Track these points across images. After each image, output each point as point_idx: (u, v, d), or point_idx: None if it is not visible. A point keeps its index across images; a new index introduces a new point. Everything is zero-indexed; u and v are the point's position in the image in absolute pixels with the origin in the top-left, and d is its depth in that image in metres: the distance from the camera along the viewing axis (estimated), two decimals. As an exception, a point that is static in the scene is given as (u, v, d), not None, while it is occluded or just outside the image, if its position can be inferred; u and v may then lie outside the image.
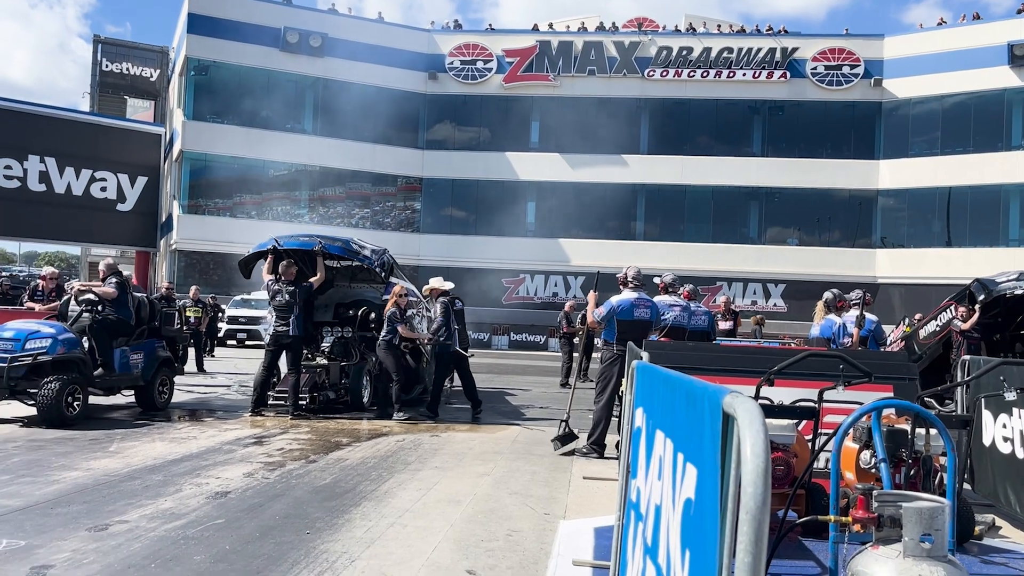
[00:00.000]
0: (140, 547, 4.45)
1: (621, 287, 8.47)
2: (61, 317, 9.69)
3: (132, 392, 10.18)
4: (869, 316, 8.96)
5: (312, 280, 10.42)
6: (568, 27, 38.23)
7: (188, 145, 33.43)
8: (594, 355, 14.17)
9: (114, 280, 9.65)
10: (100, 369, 9.29)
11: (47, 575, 3.95)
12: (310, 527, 5.03)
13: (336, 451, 7.76)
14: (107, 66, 43.65)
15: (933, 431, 4.03)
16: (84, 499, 5.46)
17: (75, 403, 8.64)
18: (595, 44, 35.82)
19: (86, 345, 9.14)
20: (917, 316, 16.89)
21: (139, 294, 10.62)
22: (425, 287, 11.63)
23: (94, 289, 9.54)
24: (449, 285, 11.21)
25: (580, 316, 14.67)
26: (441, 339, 10.56)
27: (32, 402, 8.53)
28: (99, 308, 9.36)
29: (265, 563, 4.28)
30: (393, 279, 11.14)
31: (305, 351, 10.64)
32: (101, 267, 10.11)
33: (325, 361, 10.89)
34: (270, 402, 10.30)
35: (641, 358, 4.36)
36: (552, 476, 7.03)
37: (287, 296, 9.99)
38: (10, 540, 4.46)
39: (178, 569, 4.11)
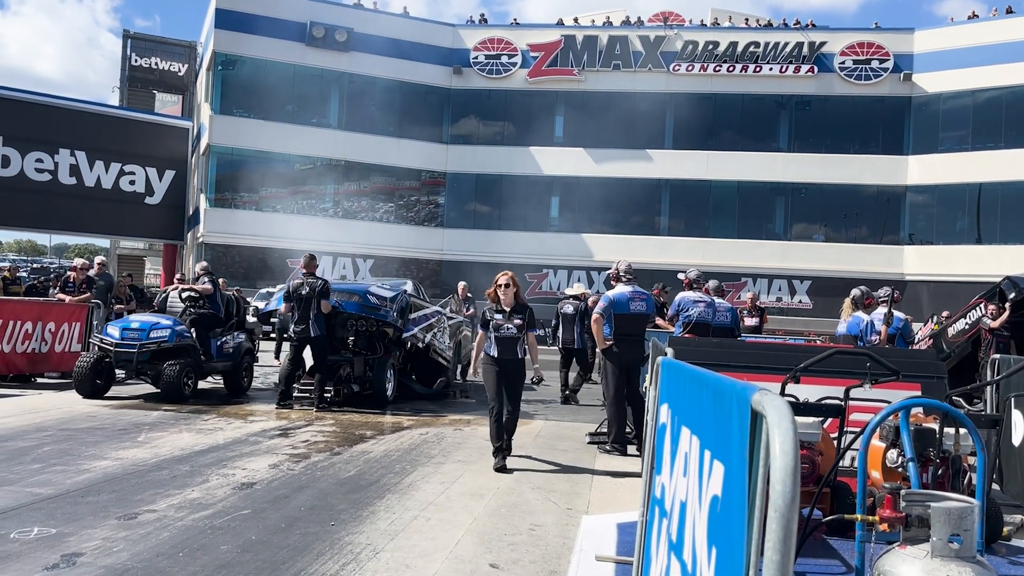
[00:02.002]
0: (168, 536, 4.51)
1: (613, 282, 8.47)
2: (160, 309, 11.35)
3: (220, 376, 11.51)
4: (897, 314, 8.85)
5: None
6: (593, 21, 38.07)
7: (215, 139, 33.73)
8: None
9: (207, 279, 11.21)
10: (202, 356, 10.66)
11: (77, 562, 4.01)
12: (335, 519, 5.07)
13: (360, 444, 7.81)
14: (136, 61, 44.10)
15: (962, 430, 3.99)
16: (113, 488, 5.55)
17: (189, 383, 10.18)
18: (620, 38, 35.63)
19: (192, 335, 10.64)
20: (945, 314, 16.68)
21: (227, 292, 12.20)
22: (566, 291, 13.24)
23: (195, 288, 11.05)
24: (575, 291, 12.69)
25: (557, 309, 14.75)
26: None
27: (148, 380, 10.29)
28: (199, 304, 10.94)
29: (290, 554, 4.33)
30: (414, 314, 11.19)
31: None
32: (197, 269, 11.69)
33: (350, 355, 10.96)
34: (295, 394, 10.40)
35: (665, 354, 4.35)
36: (575, 471, 7.04)
37: (307, 288, 10.07)
38: (42, 528, 4.54)
39: (205, 558, 4.17)
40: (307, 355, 10.49)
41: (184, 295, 11.02)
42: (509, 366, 7.10)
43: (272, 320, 12.33)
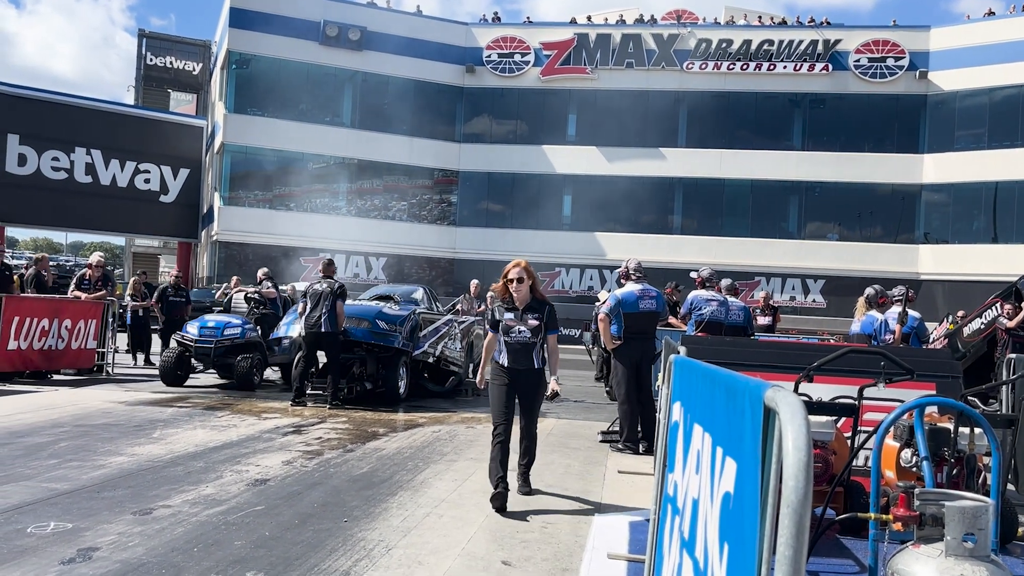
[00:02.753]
0: (183, 531, 4.55)
1: (623, 281, 8.42)
2: (226, 310, 12.79)
3: (278, 368, 12.92)
4: (912, 313, 8.80)
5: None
6: (606, 20, 38.01)
7: (229, 138, 33.90)
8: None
9: (269, 283, 12.81)
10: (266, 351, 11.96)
11: (93, 557, 4.05)
12: (348, 515, 5.10)
13: (373, 441, 7.84)
14: (151, 60, 44.41)
15: (977, 430, 3.97)
16: (129, 484, 5.59)
17: (258, 374, 11.65)
18: (633, 37, 35.57)
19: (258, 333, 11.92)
20: (960, 313, 16.57)
21: (283, 292, 13.78)
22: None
23: (261, 291, 12.61)
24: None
25: (593, 314, 14.75)
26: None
27: (220, 372, 11.78)
28: (261, 305, 12.42)
29: (304, 550, 4.35)
30: (425, 330, 11.26)
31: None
32: (259, 274, 13.13)
33: (363, 353, 10.99)
34: (309, 391, 10.46)
35: (678, 352, 4.35)
36: (587, 470, 7.04)
37: (324, 286, 10.13)
38: (58, 523, 4.58)
39: (220, 554, 4.20)
40: (321, 354, 10.55)
41: (248, 297, 12.53)
42: (522, 378, 5.71)
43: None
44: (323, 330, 9.99)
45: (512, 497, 5.53)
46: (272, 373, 13.13)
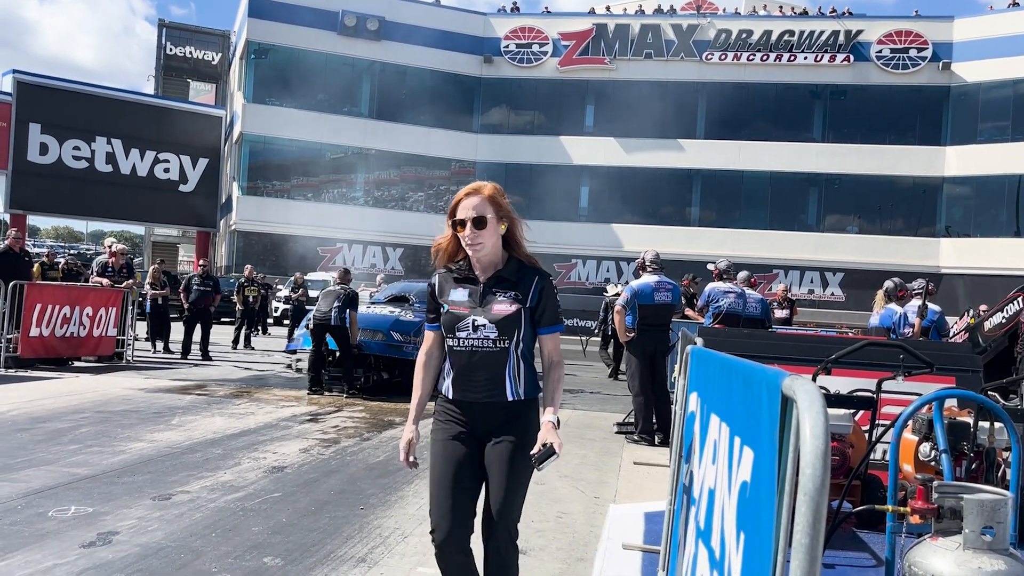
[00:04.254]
0: (201, 516, 4.59)
1: (640, 272, 8.37)
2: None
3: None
4: (932, 306, 8.72)
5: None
6: (625, 10, 37.83)
7: (248, 128, 34.06)
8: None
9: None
10: None
11: (113, 540, 4.10)
12: (364, 503, 5.13)
13: (389, 429, 7.88)
14: (171, 50, 44.60)
15: (997, 424, 3.93)
16: (148, 469, 5.65)
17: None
18: (652, 27, 35.37)
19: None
20: (982, 307, 16.39)
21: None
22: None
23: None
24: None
25: (603, 304, 14.69)
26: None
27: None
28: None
29: (320, 536, 4.39)
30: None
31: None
32: (335, 274, 12.91)
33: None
34: (325, 379, 10.53)
35: (695, 344, 4.33)
36: (602, 460, 7.04)
37: (338, 288, 10.39)
38: (79, 507, 4.64)
39: (237, 539, 4.23)
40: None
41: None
42: (481, 420, 2.87)
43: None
44: (332, 323, 10.12)
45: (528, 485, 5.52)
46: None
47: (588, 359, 17.74)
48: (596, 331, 17.04)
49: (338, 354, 10.67)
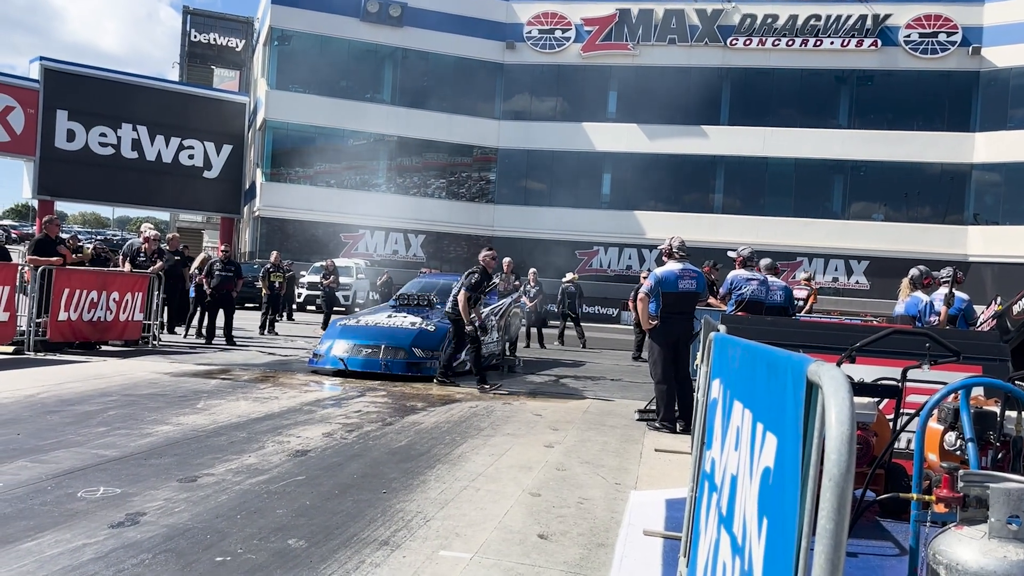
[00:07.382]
0: (227, 499, 4.65)
1: (665, 259, 8.31)
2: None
3: None
4: (959, 295, 8.60)
5: None
6: (649, -5, 37.41)
7: (271, 114, 34.21)
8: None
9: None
10: None
11: (141, 521, 4.17)
12: (386, 487, 5.17)
13: (411, 415, 7.92)
14: (195, 36, 44.87)
15: (1025, 413, 3.88)
16: (174, 452, 5.73)
17: None
18: (676, 12, 35.02)
19: None
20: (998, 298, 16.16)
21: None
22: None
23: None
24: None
25: (632, 294, 14.82)
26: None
27: None
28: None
29: (343, 519, 4.43)
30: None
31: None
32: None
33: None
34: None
35: (718, 331, 4.31)
36: (623, 447, 7.04)
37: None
38: (107, 488, 4.72)
39: (262, 521, 4.29)
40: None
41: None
42: None
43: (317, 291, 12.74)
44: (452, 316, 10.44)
45: (548, 472, 5.55)
46: None
47: (610, 346, 17.73)
48: (558, 312, 18.47)
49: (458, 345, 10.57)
